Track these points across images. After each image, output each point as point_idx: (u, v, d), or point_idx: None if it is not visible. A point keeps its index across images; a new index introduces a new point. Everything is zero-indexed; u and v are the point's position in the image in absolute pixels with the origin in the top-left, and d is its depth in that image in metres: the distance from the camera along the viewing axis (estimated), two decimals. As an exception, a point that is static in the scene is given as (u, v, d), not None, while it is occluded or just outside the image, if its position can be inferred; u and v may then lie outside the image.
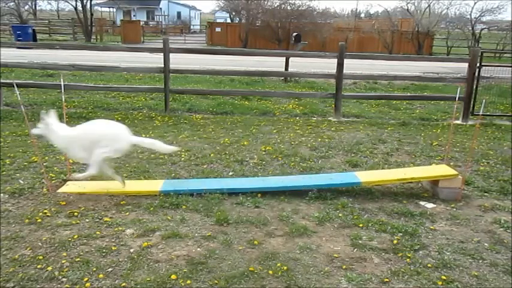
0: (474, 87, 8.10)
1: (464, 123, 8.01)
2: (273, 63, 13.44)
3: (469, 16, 28.38)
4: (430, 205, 4.16)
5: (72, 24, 31.12)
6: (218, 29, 31.17)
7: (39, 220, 3.54)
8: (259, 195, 4.16)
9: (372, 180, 4.47)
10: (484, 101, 6.11)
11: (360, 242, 3.40)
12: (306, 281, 2.86)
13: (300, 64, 13.86)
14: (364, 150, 5.90)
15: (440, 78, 11.41)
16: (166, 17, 50.35)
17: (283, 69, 11.89)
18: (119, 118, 7.35)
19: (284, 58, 12.30)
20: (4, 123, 6.67)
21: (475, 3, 43.71)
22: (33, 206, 3.81)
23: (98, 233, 3.38)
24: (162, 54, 7.83)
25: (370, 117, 8.32)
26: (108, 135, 4.08)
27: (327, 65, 10.72)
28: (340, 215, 3.85)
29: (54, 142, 4.23)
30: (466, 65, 8.17)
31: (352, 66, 9.52)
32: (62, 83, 5.75)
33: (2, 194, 4.04)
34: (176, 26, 46.56)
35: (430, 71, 15.63)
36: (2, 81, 8.10)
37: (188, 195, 4.08)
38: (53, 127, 4.16)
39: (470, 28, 27.62)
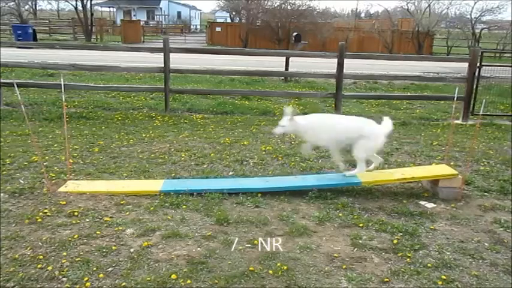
0: (474, 87, 8.10)
1: (465, 123, 8.01)
2: (273, 63, 13.43)
3: (469, 16, 28.44)
4: (430, 205, 4.16)
5: (73, 24, 31.18)
6: (218, 29, 31.20)
7: (39, 220, 3.54)
8: (259, 194, 4.17)
9: (372, 180, 4.46)
10: (484, 100, 6.12)
11: (360, 241, 3.40)
12: (306, 281, 2.86)
13: (300, 64, 13.86)
14: (364, 150, 5.89)
15: (441, 78, 11.42)
16: (167, 16, 50.36)
17: (283, 69, 11.89)
18: (119, 118, 7.36)
19: (284, 58, 12.30)
20: (4, 123, 6.67)
21: (475, 3, 43.73)
22: (33, 206, 3.81)
23: (98, 232, 3.38)
24: (162, 54, 7.83)
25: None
26: (368, 134, 4.24)
27: (327, 64, 10.72)
28: (340, 214, 3.85)
29: (303, 133, 4.41)
30: (466, 64, 8.17)
31: (352, 66, 9.52)
32: (62, 83, 5.75)
33: (2, 194, 4.04)
34: (176, 26, 46.57)
35: (430, 70, 15.63)
36: (2, 81, 8.10)
37: (188, 195, 4.08)
38: (298, 120, 4.29)
39: (470, 28, 27.63)
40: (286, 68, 12.12)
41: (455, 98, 5.95)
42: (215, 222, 3.63)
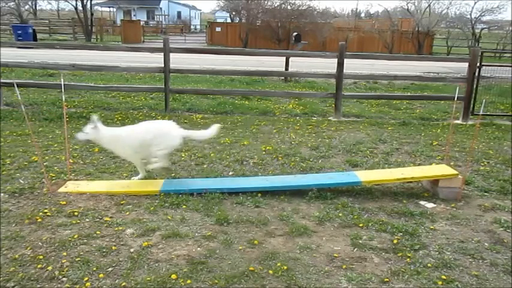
0: (474, 87, 8.10)
1: (465, 123, 8.01)
2: (273, 63, 13.43)
3: (469, 16, 28.45)
4: (430, 205, 4.16)
5: (73, 24, 31.15)
6: (218, 29, 31.20)
7: (39, 220, 3.54)
8: (259, 194, 4.17)
9: (372, 180, 4.47)
10: (484, 100, 6.12)
11: (360, 241, 3.40)
12: (306, 281, 2.86)
13: (300, 64, 13.86)
14: (364, 150, 5.90)
15: (441, 78, 11.42)
16: (167, 16, 50.36)
17: (283, 69, 11.89)
18: (119, 118, 7.36)
19: (284, 58, 12.30)
20: (4, 123, 6.67)
21: (475, 3, 43.86)
22: (33, 206, 3.81)
23: (98, 232, 3.38)
24: (162, 54, 7.83)
25: (370, 117, 8.33)
26: (160, 134, 4.30)
27: (327, 64, 10.73)
28: (340, 214, 3.85)
29: (104, 144, 4.41)
30: (466, 64, 8.17)
31: (352, 66, 9.53)
32: (62, 83, 5.76)
33: (2, 194, 4.04)
34: (176, 26, 46.55)
35: (430, 70, 15.63)
36: (2, 81, 8.09)
37: (188, 195, 4.09)
38: (101, 130, 4.30)
39: (470, 28, 27.64)
40: (286, 68, 12.12)
41: (455, 98, 5.95)
42: (215, 222, 3.63)
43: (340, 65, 7.93)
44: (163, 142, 4.30)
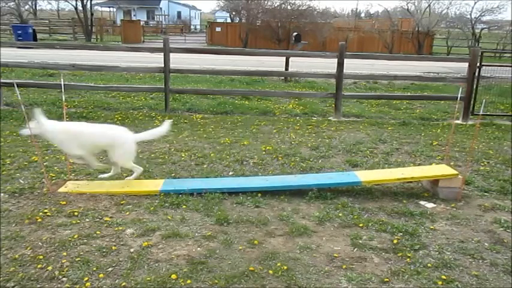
0: (474, 87, 8.10)
1: (465, 123, 8.01)
2: (273, 63, 13.43)
3: (469, 16, 28.46)
4: (430, 205, 4.16)
5: (72, 24, 31.15)
6: (218, 29, 31.20)
7: (39, 220, 3.54)
8: (259, 194, 4.17)
9: (372, 180, 4.47)
10: (484, 100, 6.11)
11: (360, 241, 3.40)
12: (306, 281, 2.86)
13: (300, 64, 13.86)
14: (364, 150, 5.90)
15: (441, 78, 11.42)
16: (167, 16, 50.36)
17: (283, 69, 11.89)
18: (119, 118, 7.36)
19: (284, 58, 12.30)
20: (4, 123, 6.67)
21: (475, 3, 43.83)
22: (33, 206, 3.81)
23: (98, 232, 3.38)
24: (162, 54, 7.83)
25: (370, 117, 8.32)
26: (116, 143, 4.26)
27: (327, 64, 10.73)
28: (340, 214, 3.85)
29: (50, 138, 4.33)
30: (466, 64, 8.17)
31: (352, 66, 9.53)
32: (62, 83, 5.76)
33: (2, 194, 4.04)
34: (176, 26, 46.56)
35: (430, 70, 15.63)
36: (2, 81, 8.09)
37: (188, 195, 4.09)
38: (47, 124, 4.20)
39: (470, 28, 27.65)
40: (286, 68, 12.12)
41: (458, 98, 5.94)
42: (215, 222, 3.63)
43: (340, 65, 7.93)
44: (120, 151, 4.27)
